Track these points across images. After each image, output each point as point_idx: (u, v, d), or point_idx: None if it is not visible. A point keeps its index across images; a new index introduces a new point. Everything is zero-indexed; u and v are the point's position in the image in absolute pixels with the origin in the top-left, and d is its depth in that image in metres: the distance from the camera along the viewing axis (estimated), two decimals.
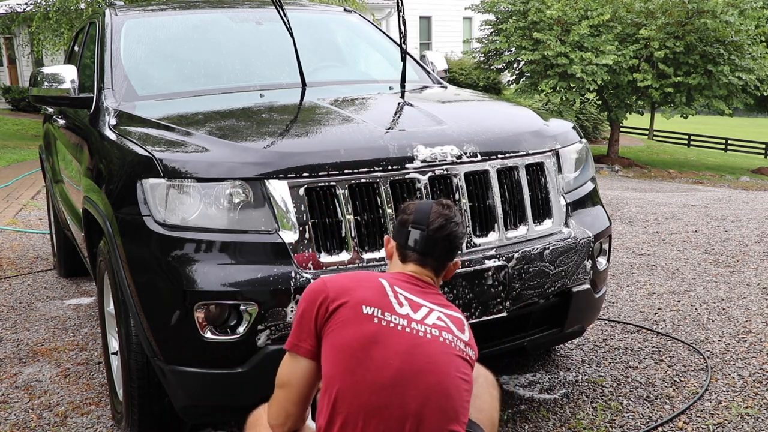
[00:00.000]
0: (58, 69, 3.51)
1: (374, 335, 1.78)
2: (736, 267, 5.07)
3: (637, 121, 26.42)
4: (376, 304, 1.83)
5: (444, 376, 1.79)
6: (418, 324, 1.83)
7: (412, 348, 1.79)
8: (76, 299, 4.95)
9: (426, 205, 2.00)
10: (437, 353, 1.80)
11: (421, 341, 1.80)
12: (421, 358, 1.78)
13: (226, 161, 2.45)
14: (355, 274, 2.01)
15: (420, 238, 1.95)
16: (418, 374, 1.77)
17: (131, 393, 2.70)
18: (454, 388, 1.79)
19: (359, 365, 1.76)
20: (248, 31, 4.10)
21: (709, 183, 15.02)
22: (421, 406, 1.75)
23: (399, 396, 1.75)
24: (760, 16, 16.29)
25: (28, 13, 16.72)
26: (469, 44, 25.94)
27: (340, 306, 1.82)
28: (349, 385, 1.76)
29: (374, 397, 1.75)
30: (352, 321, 1.80)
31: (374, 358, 1.77)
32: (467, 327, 1.93)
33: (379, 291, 1.87)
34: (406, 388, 1.76)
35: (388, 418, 1.74)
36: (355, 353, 1.77)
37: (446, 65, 4.37)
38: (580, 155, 3.05)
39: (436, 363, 1.79)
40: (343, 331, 1.79)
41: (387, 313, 1.82)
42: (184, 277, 2.36)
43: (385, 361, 1.76)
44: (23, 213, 8.24)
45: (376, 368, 1.76)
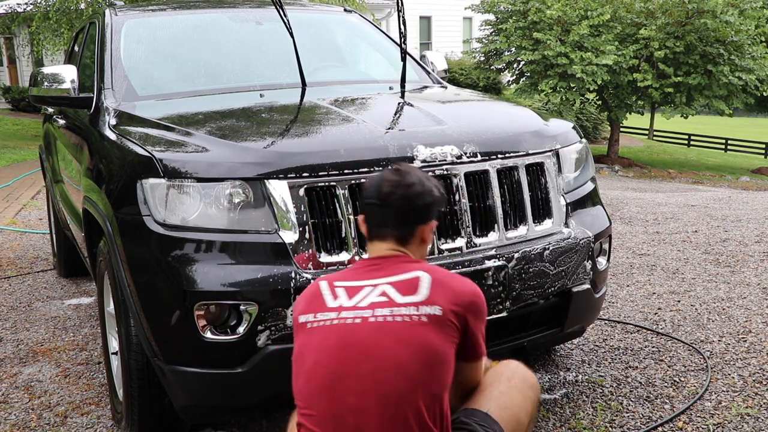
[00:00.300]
0: (58, 69, 3.51)
1: (306, 342, 1.78)
2: (736, 267, 5.07)
3: (637, 121, 26.42)
4: (309, 309, 1.82)
5: (375, 361, 1.69)
6: (349, 311, 1.76)
7: (339, 341, 1.73)
8: (76, 299, 4.95)
9: (377, 176, 1.92)
10: (366, 337, 1.71)
11: (350, 329, 1.73)
12: (352, 349, 1.71)
13: (226, 161, 2.45)
14: (310, 286, 1.96)
15: (373, 210, 1.89)
16: (350, 368, 1.71)
17: (131, 393, 2.70)
18: (392, 369, 1.68)
19: (297, 378, 1.78)
20: (248, 31, 4.11)
21: (709, 183, 15.03)
22: (358, 398, 1.68)
23: (338, 396, 1.70)
24: (760, 16, 16.29)
25: (28, 13, 16.72)
26: (469, 44, 25.95)
27: (296, 327, 1.85)
28: (301, 395, 1.77)
29: (319, 403, 1.72)
30: (295, 334, 1.83)
31: (308, 365, 1.75)
32: (426, 282, 1.78)
33: (314, 294, 1.85)
34: (339, 384, 1.70)
35: (332, 422, 1.70)
36: (296, 366, 1.79)
37: (446, 65, 4.37)
38: (580, 155, 3.05)
39: (366, 348, 1.71)
40: (293, 345, 1.84)
41: (319, 314, 1.79)
42: (184, 277, 2.36)
43: (319, 365, 1.73)
44: (23, 213, 8.24)
45: (315, 375, 1.74)
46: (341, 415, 1.69)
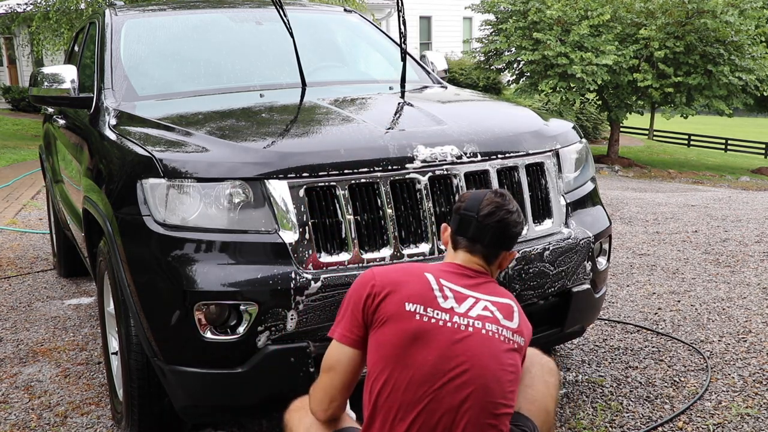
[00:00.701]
0: (58, 69, 3.51)
1: (414, 333, 1.81)
2: (736, 267, 5.07)
3: (637, 121, 26.42)
4: (419, 300, 1.85)
5: (483, 369, 1.80)
6: (461, 317, 1.85)
7: (451, 344, 1.80)
8: (76, 299, 4.95)
9: (480, 192, 2.02)
10: (478, 347, 1.81)
11: (462, 335, 1.82)
12: (461, 354, 1.80)
13: (226, 161, 2.45)
14: (404, 266, 2.01)
15: (470, 224, 1.97)
16: (455, 370, 1.79)
17: (131, 393, 2.70)
18: (494, 381, 1.80)
19: (398, 363, 1.80)
20: (248, 31, 4.11)
21: (709, 183, 15.03)
22: (459, 401, 1.77)
23: (436, 392, 1.77)
24: (760, 16, 16.29)
25: (28, 13, 16.72)
26: (469, 44, 25.95)
27: (385, 299, 1.85)
28: (389, 381, 1.80)
29: (411, 393, 1.78)
30: (395, 318, 1.83)
31: (413, 355, 1.79)
32: (517, 312, 1.94)
33: (424, 286, 1.88)
34: (444, 384, 1.78)
35: (426, 413, 1.77)
36: (395, 351, 1.81)
37: (446, 65, 4.37)
38: (580, 155, 3.05)
39: (475, 356, 1.80)
40: (386, 328, 1.83)
41: (429, 309, 1.84)
42: (184, 277, 2.36)
43: (424, 359, 1.79)
44: (23, 213, 8.24)
45: (415, 365, 1.79)
46: (440, 412, 1.77)
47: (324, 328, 2.38)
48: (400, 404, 1.79)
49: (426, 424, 1.78)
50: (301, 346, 2.38)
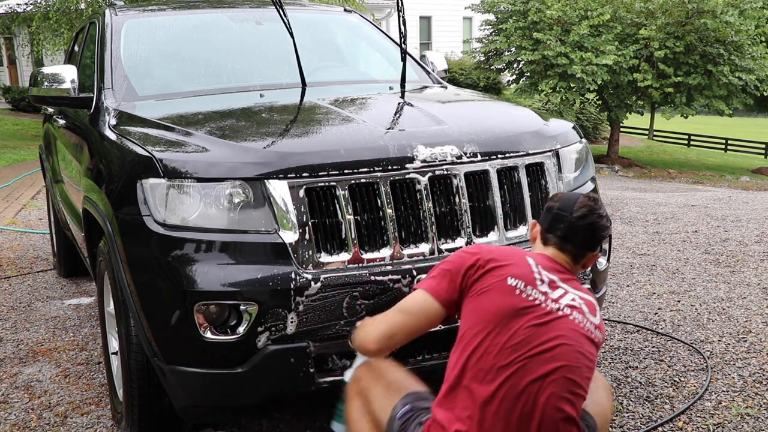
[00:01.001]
0: (58, 69, 3.51)
1: (512, 305, 1.95)
2: (736, 267, 5.07)
3: (637, 121, 26.42)
4: (521, 277, 1.99)
5: (570, 351, 1.93)
6: (554, 302, 1.98)
7: (545, 322, 1.94)
8: (76, 299, 4.95)
9: (573, 194, 2.16)
10: (567, 329, 1.95)
11: (554, 317, 1.96)
12: (552, 332, 1.93)
13: (226, 161, 2.45)
14: (506, 248, 2.14)
15: (562, 224, 2.09)
16: (546, 344, 1.91)
17: (131, 393, 2.70)
18: (575, 362, 1.92)
19: (494, 329, 1.93)
20: (248, 31, 4.11)
21: (709, 183, 15.03)
22: (546, 372, 1.90)
23: (527, 360, 1.90)
24: (760, 16, 16.29)
25: (28, 13, 16.73)
26: (469, 44, 25.95)
27: (489, 272, 2.00)
28: (482, 344, 1.93)
29: (503, 358, 1.90)
30: (497, 289, 1.97)
31: (509, 324, 1.93)
32: (599, 312, 2.06)
33: (525, 266, 2.03)
34: (534, 354, 1.90)
35: (515, 378, 1.89)
36: (493, 318, 1.94)
37: (446, 65, 4.37)
38: (580, 155, 3.05)
39: (564, 337, 1.93)
40: (487, 296, 1.97)
41: (529, 287, 1.98)
42: (184, 277, 2.36)
43: (519, 329, 1.92)
44: (23, 213, 8.24)
45: (509, 333, 1.92)
46: (523, 378, 1.89)
47: (324, 328, 2.38)
48: (491, 366, 1.91)
49: (513, 388, 1.89)
50: (301, 346, 2.38)
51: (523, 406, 1.89)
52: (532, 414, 1.89)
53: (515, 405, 1.89)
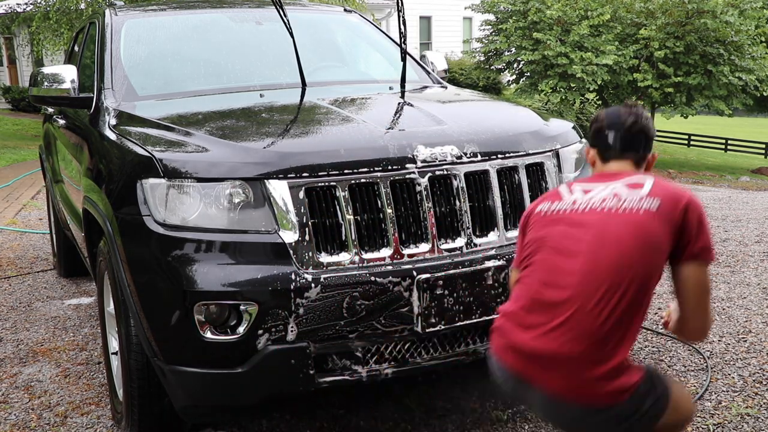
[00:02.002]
0: (58, 69, 3.51)
1: (543, 222, 2.07)
2: (736, 267, 5.07)
3: None
4: (546, 200, 2.12)
5: (596, 235, 1.96)
6: (581, 204, 2.05)
7: (567, 221, 2.03)
8: (76, 299, 4.95)
9: (615, 108, 2.22)
10: (591, 219, 2.00)
11: (577, 213, 2.03)
12: (575, 226, 2.01)
13: (226, 161, 2.45)
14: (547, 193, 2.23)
15: (617, 137, 2.16)
16: (569, 240, 1.99)
17: (131, 393, 2.70)
18: (614, 241, 1.94)
19: (535, 251, 2.04)
20: (248, 31, 4.11)
21: (709, 183, 15.03)
22: (575, 263, 1.95)
23: (554, 259, 1.99)
24: (760, 16, 16.30)
25: (28, 13, 16.73)
26: (469, 44, 25.95)
27: (530, 218, 2.13)
28: (531, 266, 2.03)
29: (533, 264, 2.02)
30: (531, 226, 2.10)
31: (545, 236, 2.04)
32: (649, 183, 2.05)
33: (552, 194, 2.16)
34: (559, 252, 1.99)
35: (547, 273, 1.99)
36: (533, 243, 2.06)
37: (446, 65, 4.37)
38: (580, 155, 3.05)
39: (587, 226, 1.99)
40: (530, 233, 2.09)
41: (555, 203, 2.09)
42: (184, 277, 2.36)
43: (551, 231, 2.03)
44: (23, 213, 8.24)
45: (546, 238, 2.03)
46: (556, 272, 1.97)
47: (324, 328, 2.38)
48: (535, 271, 2.01)
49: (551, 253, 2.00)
50: (301, 346, 2.38)
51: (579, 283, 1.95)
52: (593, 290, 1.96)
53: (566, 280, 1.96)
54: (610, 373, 1.89)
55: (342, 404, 3.19)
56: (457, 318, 2.52)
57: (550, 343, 1.91)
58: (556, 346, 1.90)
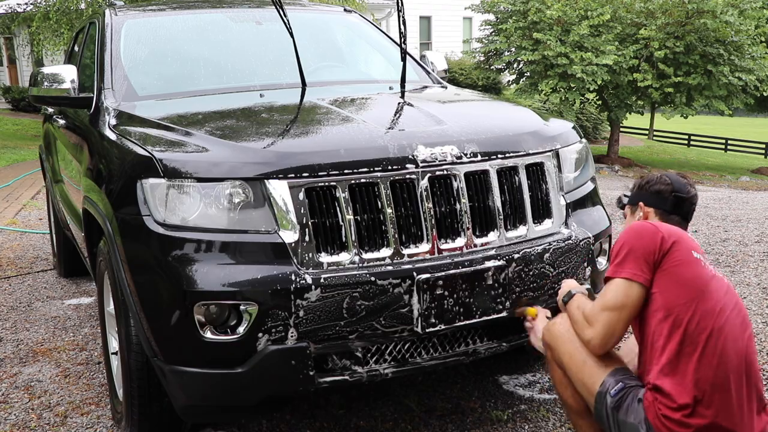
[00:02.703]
0: (58, 69, 3.51)
1: (705, 275, 2.19)
2: (736, 267, 5.07)
3: (637, 121, 26.42)
4: (698, 251, 2.24)
5: (746, 312, 2.24)
6: (716, 272, 2.25)
7: (726, 289, 2.22)
8: (76, 299, 4.95)
9: (675, 176, 2.45)
10: (735, 295, 2.25)
11: (727, 284, 2.25)
12: (733, 296, 2.22)
13: (226, 161, 2.45)
14: (671, 226, 2.33)
15: (683, 204, 2.40)
16: (736, 307, 2.20)
17: (131, 393, 2.70)
18: (747, 320, 2.24)
19: (700, 297, 2.15)
20: (248, 31, 4.11)
21: (709, 183, 15.03)
22: (743, 331, 2.17)
23: (730, 322, 2.15)
24: (760, 16, 16.28)
25: (28, 13, 16.73)
26: (469, 44, 25.94)
27: (674, 245, 2.20)
28: (695, 312, 2.13)
29: (714, 320, 2.13)
30: (688, 262, 2.19)
31: (710, 291, 2.17)
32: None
33: (695, 241, 2.28)
34: (733, 316, 2.16)
35: (726, 338, 2.12)
36: (697, 287, 2.16)
37: (446, 65, 4.37)
38: (580, 155, 3.05)
39: (739, 301, 2.24)
40: (683, 269, 2.18)
41: (704, 258, 2.24)
42: (184, 277, 2.36)
43: (717, 294, 2.18)
44: (23, 213, 8.24)
45: (713, 299, 2.16)
46: (732, 329, 2.15)
47: (324, 328, 2.38)
48: (712, 329, 2.12)
49: (728, 343, 2.12)
50: (301, 346, 2.38)
51: (737, 364, 2.12)
52: (743, 370, 2.13)
53: (732, 364, 2.11)
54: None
55: (342, 404, 3.19)
56: (457, 318, 2.52)
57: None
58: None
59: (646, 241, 2.20)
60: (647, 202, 2.42)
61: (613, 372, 2.26)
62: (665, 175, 2.42)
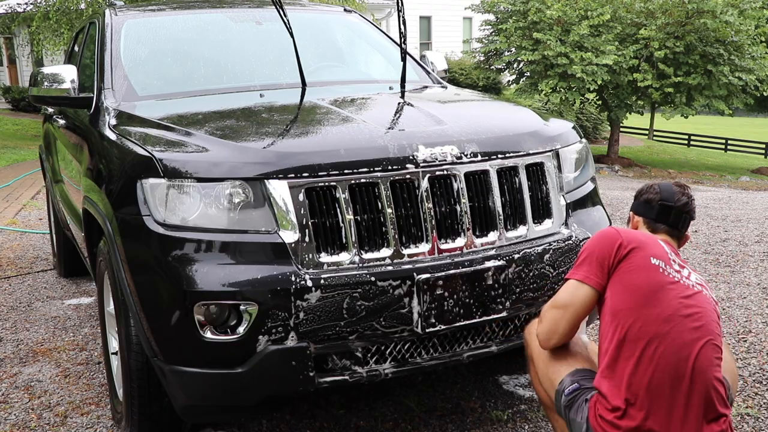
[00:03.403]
0: (58, 69, 3.51)
1: (660, 282, 2.17)
2: (736, 267, 5.07)
3: (637, 121, 26.42)
4: (660, 258, 2.21)
5: (710, 320, 2.18)
6: (686, 279, 2.23)
7: (686, 296, 2.18)
8: (76, 299, 4.95)
9: (668, 185, 2.42)
10: (703, 302, 2.20)
11: (692, 292, 2.20)
12: (693, 304, 2.17)
13: (226, 161, 2.45)
14: (640, 232, 2.35)
15: (669, 213, 2.37)
16: (692, 315, 2.15)
17: (131, 393, 2.70)
18: (717, 332, 2.18)
19: (647, 303, 2.15)
20: (248, 31, 4.11)
21: (709, 183, 15.03)
22: (694, 340, 2.12)
23: (679, 326, 2.12)
24: (760, 16, 16.28)
25: (28, 13, 16.73)
26: (469, 44, 25.94)
27: (632, 252, 2.20)
28: (640, 318, 2.13)
29: (660, 327, 2.12)
30: (643, 268, 2.18)
31: (660, 298, 2.15)
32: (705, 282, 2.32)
33: (661, 249, 2.25)
34: (683, 324, 2.12)
35: (668, 344, 2.11)
36: (645, 294, 2.16)
37: (446, 65, 4.37)
38: (580, 155, 3.05)
39: (704, 309, 2.18)
40: (635, 274, 2.18)
41: (668, 267, 2.21)
42: (184, 277, 2.36)
43: (668, 302, 2.15)
44: (23, 213, 8.24)
45: (662, 306, 2.14)
46: (677, 340, 2.11)
47: (324, 328, 2.38)
48: (653, 335, 2.11)
49: (668, 356, 2.10)
50: (301, 346, 2.38)
51: (676, 370, 2.09)
52: (686, 377, 2.10)
53: (670, 370, 2.10)
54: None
55: (342, 404, 3.19)
56: (457, 318, 2.52)
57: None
58: None
59: (604, 246, 2.24)
60: (636, 211, 2.46)
61: (573, 372, 2.31)
62: (656, 185, 2.44)
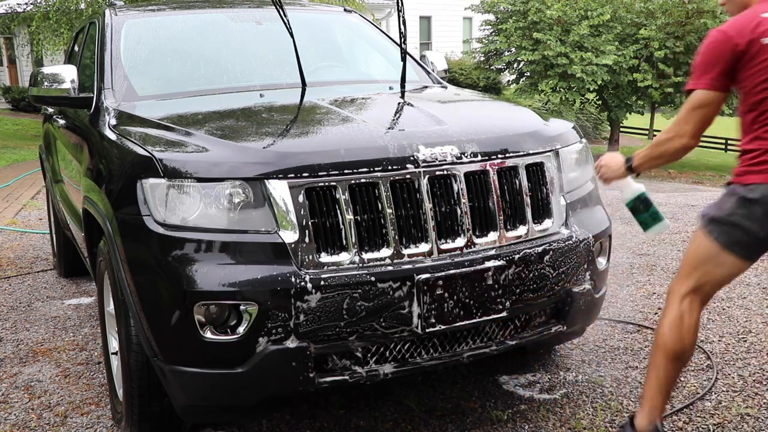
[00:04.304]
0: (58, 69, 3.51)
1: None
2: None
3: (637, 121, 26.41)
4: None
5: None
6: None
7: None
8: (76, 299, 4.95)
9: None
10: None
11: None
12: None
13: (226, 161, 2.45)
14: (744, 13, 2.37)
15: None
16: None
17: (131, 393, 2.70)
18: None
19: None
20: (248, 31, 4.11)
21: (709, 183, 15.03)
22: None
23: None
24: None
25: (28, 13, 16.73)
26: (469, 44, 25.96)
27: (750, 44, 2.28)
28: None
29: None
30: (762, 52, 2.28)
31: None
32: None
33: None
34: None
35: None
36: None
37: (446, 65, 4.37)
38: (580, 155, 3.05)
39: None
40: (758, 60, 2.29)
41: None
42: (184, 276, 2.36)
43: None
44: (23, 213, 8.24)
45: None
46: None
47: (324, 329, 2.38)
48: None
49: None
50: (301, 346, 2.38)
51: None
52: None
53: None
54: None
55: (342, 404, 3.19)
56: (457, 318, 2.52)
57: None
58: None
59: (721, 50, 2.35)
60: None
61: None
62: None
